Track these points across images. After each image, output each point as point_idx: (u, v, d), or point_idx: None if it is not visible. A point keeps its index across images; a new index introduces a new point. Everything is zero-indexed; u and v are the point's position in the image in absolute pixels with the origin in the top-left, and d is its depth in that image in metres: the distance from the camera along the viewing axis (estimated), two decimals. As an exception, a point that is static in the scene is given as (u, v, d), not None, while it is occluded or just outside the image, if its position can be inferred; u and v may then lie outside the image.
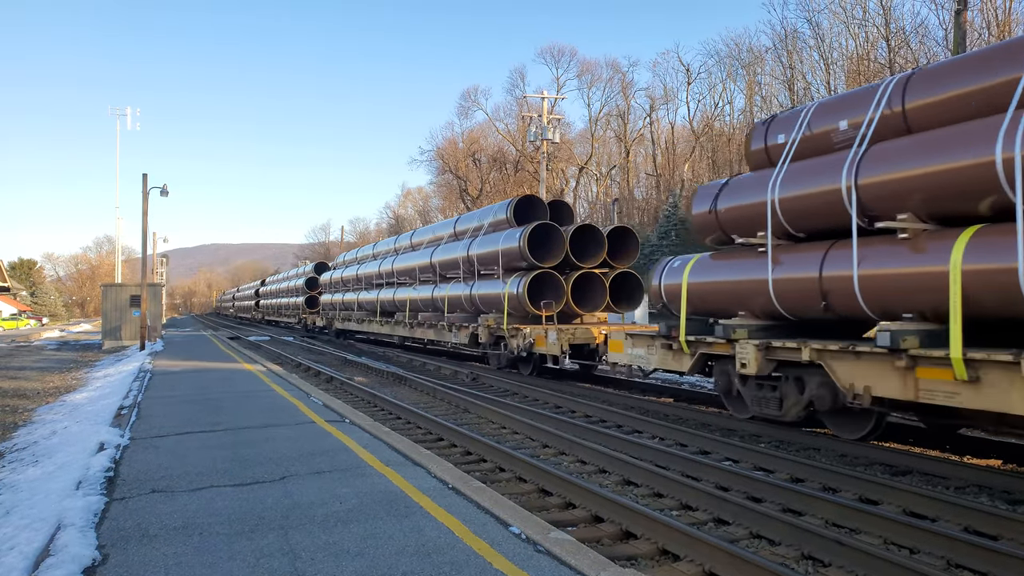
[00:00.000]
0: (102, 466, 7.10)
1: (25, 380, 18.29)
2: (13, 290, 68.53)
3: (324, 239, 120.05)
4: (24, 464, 8.09)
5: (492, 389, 16.14)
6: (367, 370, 20.86)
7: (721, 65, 56.13)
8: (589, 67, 65.33)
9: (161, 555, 4.72)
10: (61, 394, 15.24)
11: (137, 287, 32.40)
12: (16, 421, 11.58)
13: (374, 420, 10.44)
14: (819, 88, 46.69)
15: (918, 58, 39.03)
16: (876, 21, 42.58)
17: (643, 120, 61.96)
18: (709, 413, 11.99)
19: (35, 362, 24.58)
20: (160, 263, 72.96)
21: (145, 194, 29.00)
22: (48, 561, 4.59)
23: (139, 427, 9.57)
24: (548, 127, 38.45)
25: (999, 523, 6.08)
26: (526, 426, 10.76)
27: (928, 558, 5.55)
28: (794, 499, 6.88)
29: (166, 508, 5.76)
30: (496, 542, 4.90)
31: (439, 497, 5.99)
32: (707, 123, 54.22)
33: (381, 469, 6.99)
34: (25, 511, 5.79)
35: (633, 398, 13.80)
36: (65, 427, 10.26)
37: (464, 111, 70.88)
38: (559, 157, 59.65)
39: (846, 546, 5.37)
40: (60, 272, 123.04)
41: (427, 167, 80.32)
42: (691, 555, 5.50)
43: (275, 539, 5.00)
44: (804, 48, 48.11)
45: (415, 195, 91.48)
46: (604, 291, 18.05)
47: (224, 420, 10.03)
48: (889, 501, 6.89)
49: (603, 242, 18.18)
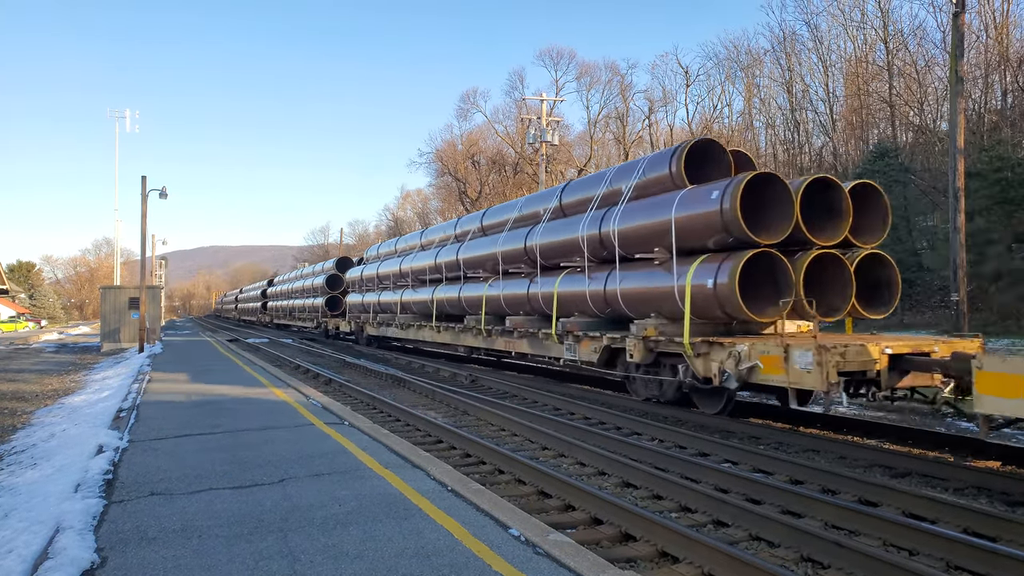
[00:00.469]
0: (101, 469, 7.09)
1: (24, 383, 18.26)
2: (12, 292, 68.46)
3: (323, 241, 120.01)
4: (23, 467, 8.08)
5: (491, 392, 16.13)
6: (366, 372, 20.85)
7: (720, 67, 56.21)
8: (588, 69, 65.36)
9: (160, 558, 4.71)
10: (60, 396, 15.22)
11: (136, 289, 32.36)
12: (15, 424, 11.56)
13: (373, 422, 10.43)
14: (817, 90, 46.79)
15: (916, 60, 39.10)
16: (874, 24, 42.70)
17: (642, 122, 62.00)
18: (708, 415, 11.99)
19: (34, 364, 24.55)
20: (159, 265, 72.97)
21: (144, 196, 28.99)
22: (47, 564, 4.58)
23: (138, 429, 9.56)
24: (547, 129, 38.47)
25: (998, 524, 6.09)
26: (525, 428, 10.76)
27: (927, 560, 5.55)
28: (793, 501, 6.88)
29: (165, 511, 5.75)
30: (495, 544, 4.90)
31: (438, 499, 5.99)
32: (706, 125, 54.23)
33: (380, 471, 6.98)
34: (24, 514, 5.79)
35: (632, 400, 13.79)
36: (64, 430, 10.25)
37: (463, 113, 70.93)
38: (558, 159, 59.65)
39: (845, 548, 5.37)
40: (59, 274, 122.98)
41: (426, 169, 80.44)
42: (690, 557, 5.50)
43: (274, 541, 5.00)
44: (803, 50, 48.23)
45: (414, 197, 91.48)
46: (845, 283, 11.37)
47: (223, 422, 10.02)
48: (888, 503, 6.89)
49: (842, 205, 11.47)
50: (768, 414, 12.16)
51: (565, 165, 63.36)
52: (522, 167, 64.34)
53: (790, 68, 48.27)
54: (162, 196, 30.14)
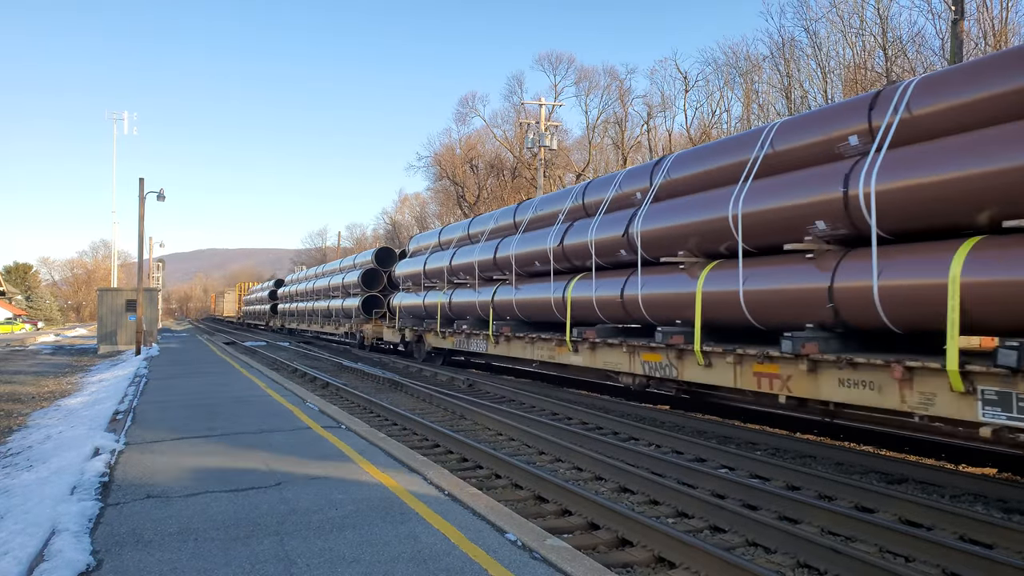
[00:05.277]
0: (97, 471, 7.07)
1: (20, 384, 18.21)
2: (8, 294, 68.35)
3: (320, 244, 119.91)
4: (18, 468, 8.06)
5: (488, 395, 16.12)
6: (363, 376, 20.83)
7: (718, 73, 56.27)
8: (587, 74, 65.42)
9: (156, 560, 4.70)
10: (56, 398, 15.18)
11: (133, 292, 32.31)
12: (11, 425, 11.53)
13: (370, 426, 10.42)
14: (816, 96, 46.89)
15: (915, 67, 39.27)
16: (873, 30, 42.76)
17: (640, 127, 62.03)
18: (706, 420, 12.00)
19: (30, 366, 24.49)
20: (156, 268, 72.87)
21: (142, 199, 28.98)
22: (42, 566, 4.57)
23: (134, 432, 9.54)
24: (546, 134, 38.52)
25: (994, 531, 6.09)
26: (522, 433, 10.75)
27: (924, 566, 5.55)
28: (790, 507, 6.88)
29: (161, 513, 5.74)
30: (492, 549, 4.89)
31: (435, 504, 5.98)
32: (704, 131, 54.33)
33: (377, 475, 6.97)
34: (19, 516, 5.77)
35: (629, 405, 13.79)
36: (60, 432, 10.22)
37: (462, 117, 70.94)
38: (557, 164, 59.72)
39: (842, 554, 5.37)
40: (56, 276, 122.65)
41: (424, 173, 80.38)
42: (687, 563, 5.50)
43: (270, 545, 4.99)
44: (801, 57, 48.29)
45: (412, 201, 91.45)
46: None
47: (220, 425, 10.00)
48: (885, 509, 6.89)
49: None
50: (765, 420, 12.16)
51: (563, 170, 63.46)
52: (520, 171, 64.42)
53: (789, 74, 48.36)
54: (160, 199, 30.13)
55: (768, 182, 10.15)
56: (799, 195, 9.42)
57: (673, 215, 11.95)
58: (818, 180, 9.22)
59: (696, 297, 10.91)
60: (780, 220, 9.70)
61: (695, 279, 11.11)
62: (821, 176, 9.22)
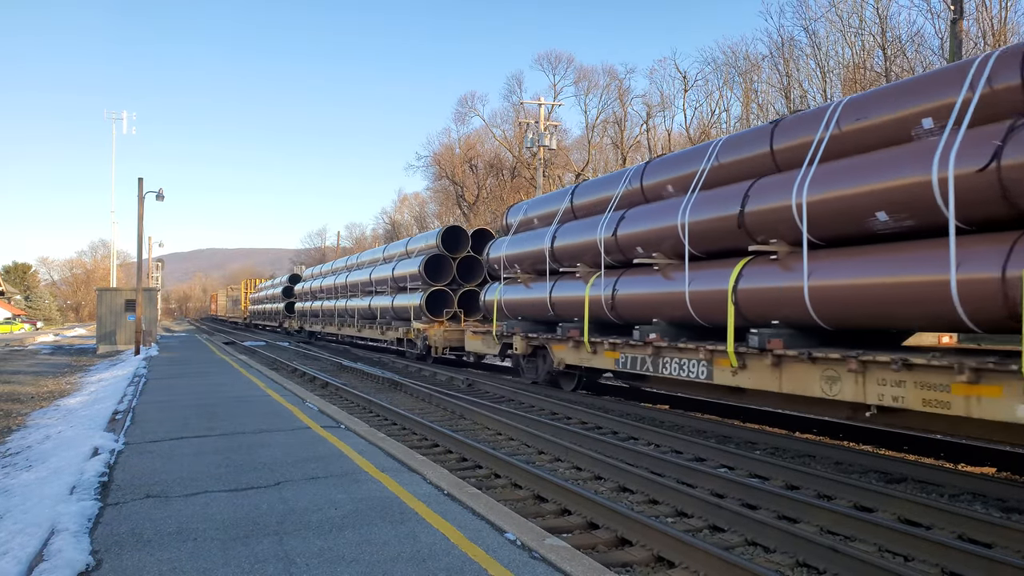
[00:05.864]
0: (96, 471, 7.07)
1: (19, 384, 18.21)
2: (7, 294, 68.34)
3: (320, 244, 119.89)
4: (18, 468, 8.06)
5: (488, 395, 16.13)
6: (363, 376, 20.82)
7: (718, 73, 56.29)
8: (586, 74, 65.43)
9: (155, 560, 4.70)
10: (55, 398, 15.18)
11: (132, 291, 32.31)
12: (10, 425, 11.53)
13: (370, 426, 10.42)
14: (815, 96, 46.90)
15: (914, 67, 39.27)
16: (872, 30, 42.79)
17: (640, 127, 62.06)
18: (705, 420, 12.01)
19: (29, 366, 24.49)
20: (155, 267, 72.87)
21: (141, 198, 28.96)
22: (42, 566, 4.57)
23: (134, 432, 9.54)
24: (545, 133, 38.53)
25: (993, 531, 6.10)
26: (521, 432, 10.76)
27: (923, 565, 5.56)
28: (789, 506, 6.89)
29: (160, 513, 5.74)
30: (491, 548, 4.89)
31: (434, 503, 5.98)
32: (704, 130, 54.34)
33: (376, 475, 6.97)
34: (18, 516, 5.77)
35: (629, 404, 13.79)
36: (59, 431, 10.22)
37: (461, 117, 71.01)
38: (556, 163, 59.73)
39: (841, 553, 5.37)
40: (55, 276, 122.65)
41: (424, 173, 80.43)
42: (686, 562, 5.50)
43: (270, 545, 4.99)
44: (801, 56, 48.32)
45: (411, 201, 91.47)
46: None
47: (219, 425, 10.00)
48: (884, 508, 6.90)
49: None
50: (763, 419, 12.17)
51: (563, 169, 63.45)
52: (519, 171, 64.42)
53: (788, 74, 48.38)
54: (159, 198, 30.09)
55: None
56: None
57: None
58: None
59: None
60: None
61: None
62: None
